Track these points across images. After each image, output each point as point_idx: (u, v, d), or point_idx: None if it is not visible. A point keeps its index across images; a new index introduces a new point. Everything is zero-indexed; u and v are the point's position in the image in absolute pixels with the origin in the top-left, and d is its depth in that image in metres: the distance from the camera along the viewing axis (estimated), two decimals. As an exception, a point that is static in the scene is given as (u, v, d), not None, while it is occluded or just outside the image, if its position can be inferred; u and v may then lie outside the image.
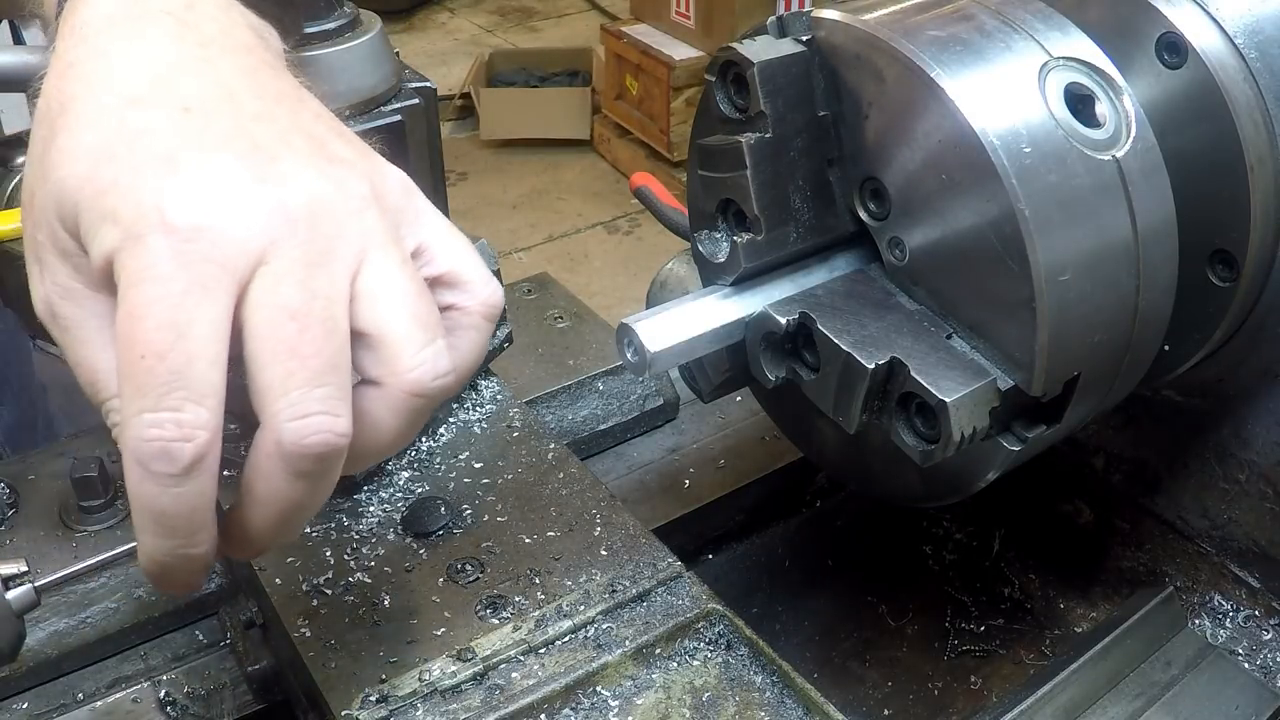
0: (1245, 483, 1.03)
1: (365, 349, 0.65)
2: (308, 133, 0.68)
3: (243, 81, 0.68)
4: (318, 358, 0.61)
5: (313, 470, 0.63)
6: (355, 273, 0.65)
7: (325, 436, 0.62)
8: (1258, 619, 1.05)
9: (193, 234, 0.60)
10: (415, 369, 0.65)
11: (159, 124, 0.63)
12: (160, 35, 0.68)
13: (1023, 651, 1.19)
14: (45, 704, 0.98)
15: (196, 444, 0.60)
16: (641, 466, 1.23)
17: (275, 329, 0.61)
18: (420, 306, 0.66)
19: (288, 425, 0.61)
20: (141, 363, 0.59)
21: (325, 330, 0.62)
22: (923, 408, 0.79)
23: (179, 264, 0.60)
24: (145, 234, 0.60)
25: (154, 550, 0.65)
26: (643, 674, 0.86)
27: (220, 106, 0.65)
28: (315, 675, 0.84)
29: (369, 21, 0.99)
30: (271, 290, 0.61)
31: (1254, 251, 0.87)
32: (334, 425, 0.62)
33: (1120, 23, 0.87)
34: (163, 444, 0.60)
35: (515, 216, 5.58)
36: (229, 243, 0.61)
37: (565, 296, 1.40)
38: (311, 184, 0.65)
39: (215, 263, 0.60)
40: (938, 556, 1.28)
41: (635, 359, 0.84)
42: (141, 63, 0.66)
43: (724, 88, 0.86)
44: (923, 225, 0.82)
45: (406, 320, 0.65)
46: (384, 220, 0.67)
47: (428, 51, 7.21)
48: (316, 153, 0.67)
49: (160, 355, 0.59)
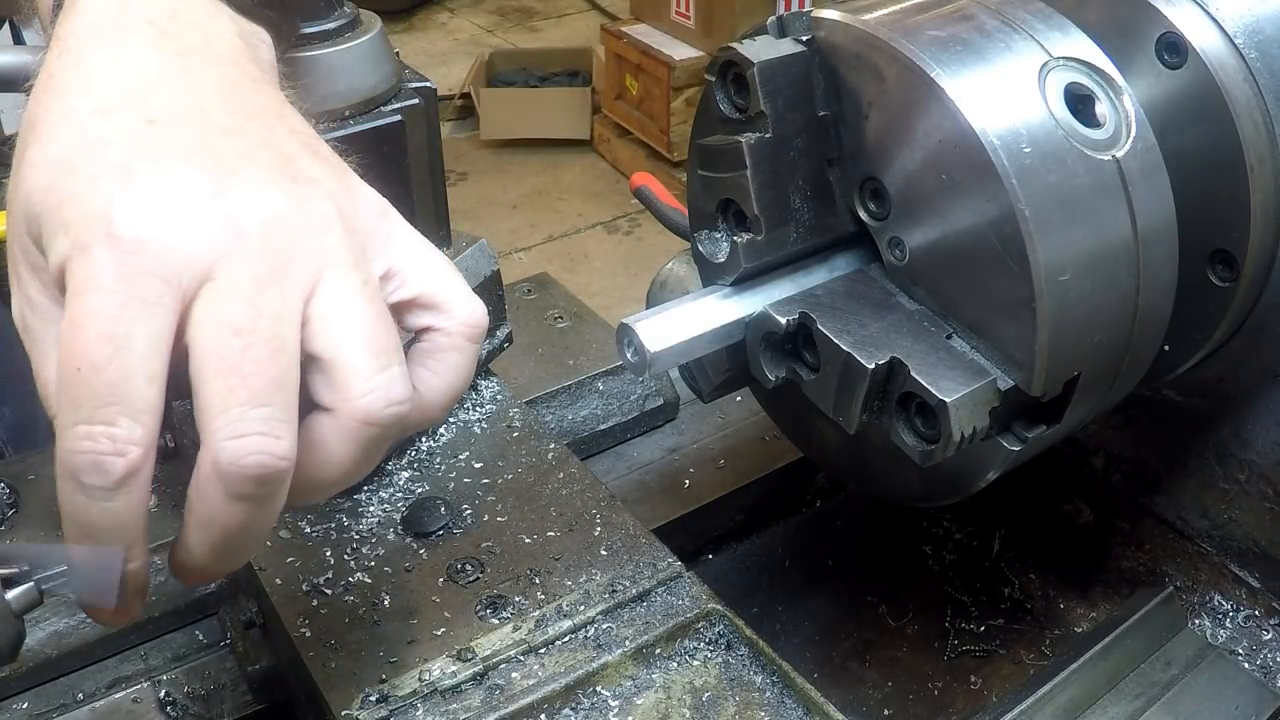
0: (1245, 483, 1.03)
1: (317, 373, 0.63)
2: (277, 149, 0.67)
3: (218, 95, 0.67)
4: (260, 376, 0.60)
5: (252, 493, 0.61)
6: (310, 293, 0.63)
7: (262, 458, 0.60)
8: (1258, 619, 1.05)
9: (136, 246, 0.59)
10: (366, 395, 0.64)
11: (121, 135, 0.63)
12: (140, 44, 0.67)
13: (1023, 651, 1.19)
14: (45, 704, 0.98)
15: (129, 459, 0.59)
16: (641, 466, 1.23)
17: (218, 345, 0.60)
18: (376, 332, 0.65)
19: (224, 444, 0.60)
20: (78, 374, 0.58)
21: (271, 349, 0.60)
22: (923, 408, 0.79)
23: (120, 276, 0.59)
24: (91, 245, 0.59)
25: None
26: (643, 674, 0.86)
27: (188, 119, 0.65)
28: (315, 675, 0.84)
29: (369, 21, 0.99)
30: (216, 306, 0.60)
31: (1254, 251, 0.87)
32: (272, 447, 0.60)
33: (1120, 23, 0.87)
34: (94, 457, 0.58)
35: (515, 216, 5.57)
36: (174, 256, 0.60)
37: (565, 296, 1.40)
38: (269, 200, 0.63)
39: (158, 276, 0.59)
40: (938, 556, 1.28)
41: (635, 359, 0.84)
42: (115, 73, 0.65)
43: (724, 88, 0.86)
44: (923, 225, 0.82)
45: (360, 345, 0.64)
46: (347, 241, 0.66)
47: (428, 51, 7.21)
48: (281, 169, 0.65)
49: (97, 368, 0.58)
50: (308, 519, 0.98)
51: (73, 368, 0.58)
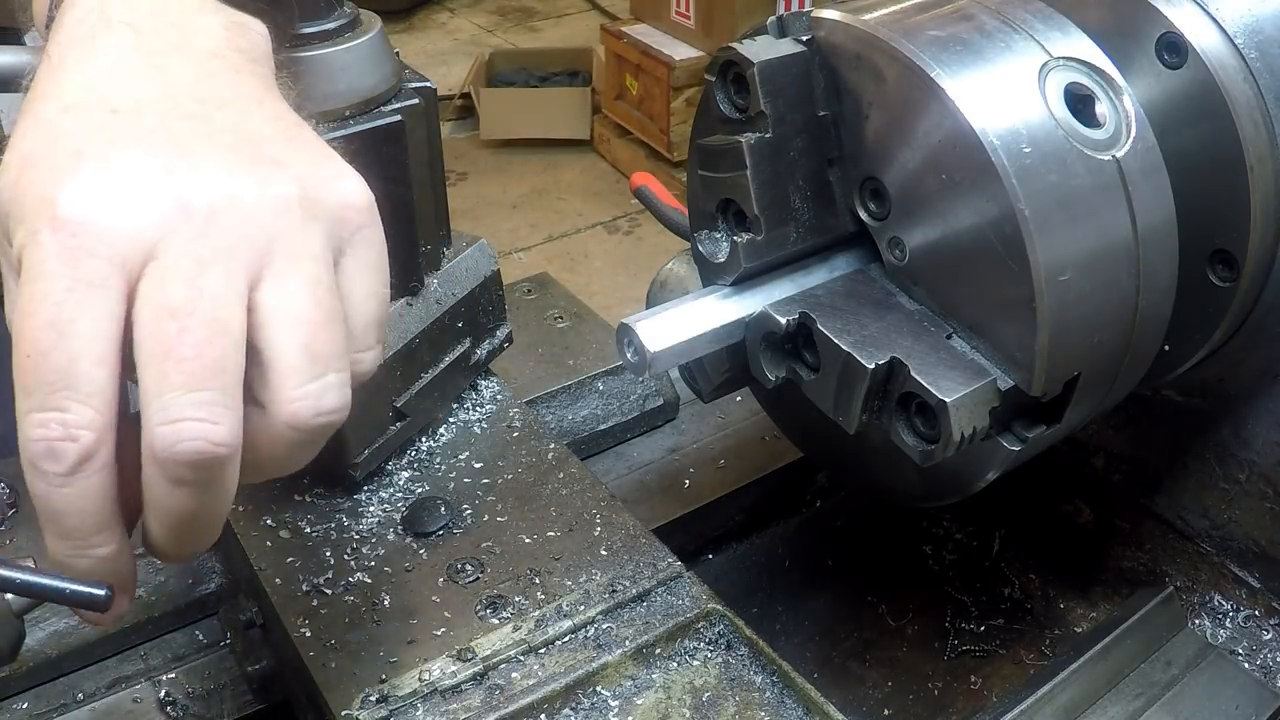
0: (1245, 483, 1.03)
1: (255, 365, 0.62)
2: (246, 133, 0.66)
3: (190, 85, 0.67)
4: (197, 360, 0.58)
5: (191, 479, 0.60)
6: (257, 277, 0.61)
7: (197, 444, 0.58)
8: (1258, 619, 1.05)
9: (78, 228, 0.58)
10: (295, 402, 0.62)
11: (81, 127, 0.62)
12: (113, 45, 0.67)
13: (1023, 651, 1.19)
14: (45, 704, 0.98)
15: (82, 444, 0.58)
16: (641, 466, 1.23)
17: (155, 328, 0.59)
18: (318, 335, 0.62)
19: (157, 430, 0.58)
20: (27, 361, 0.58)
21: (209, 331, 0.59)
22: (923, 408, 0.79)
23: (64, 259, 0.58)
24: (38, 230, 0.59)
25: (54, 552, 0.63)
26: (643, 674, 0.86)
27: (152, 107, 0.64)
28: (315, 675, 0.84)
29: (369, 21, 0.99)
30: (157, 287, 0.59)
31: (1254, 251, 0.87)
32: (209, 433, 0.58)
33: (1120, 23, 0.87)
34: (47, 444, 0.58)
35: (515, 216, 5.57)
36: (116, 236, 0.59)
37: (565, 296, 1.40)
38: (223, 180, 0.62)
39: (101, 257, 0.58)
40: (938, 556, 1.28)
41: (635, 359, 0.84)
42: (84, 73, 0.66)
43: (724, 88, 0.86)
44: (923, 225, 0.82)
45: (297, 348, 0.62)
46: (308, 227, 0.64)
47: (428, 51, 7.21)
48: (243, 151, 0.64)
49: (44, 354, 0.58)
50: (307, 519, 0.98)
51: (23, 355, 0.58)
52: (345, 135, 0.94)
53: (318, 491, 1.01)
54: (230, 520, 0.98)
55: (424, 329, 1.03)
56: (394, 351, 1.00)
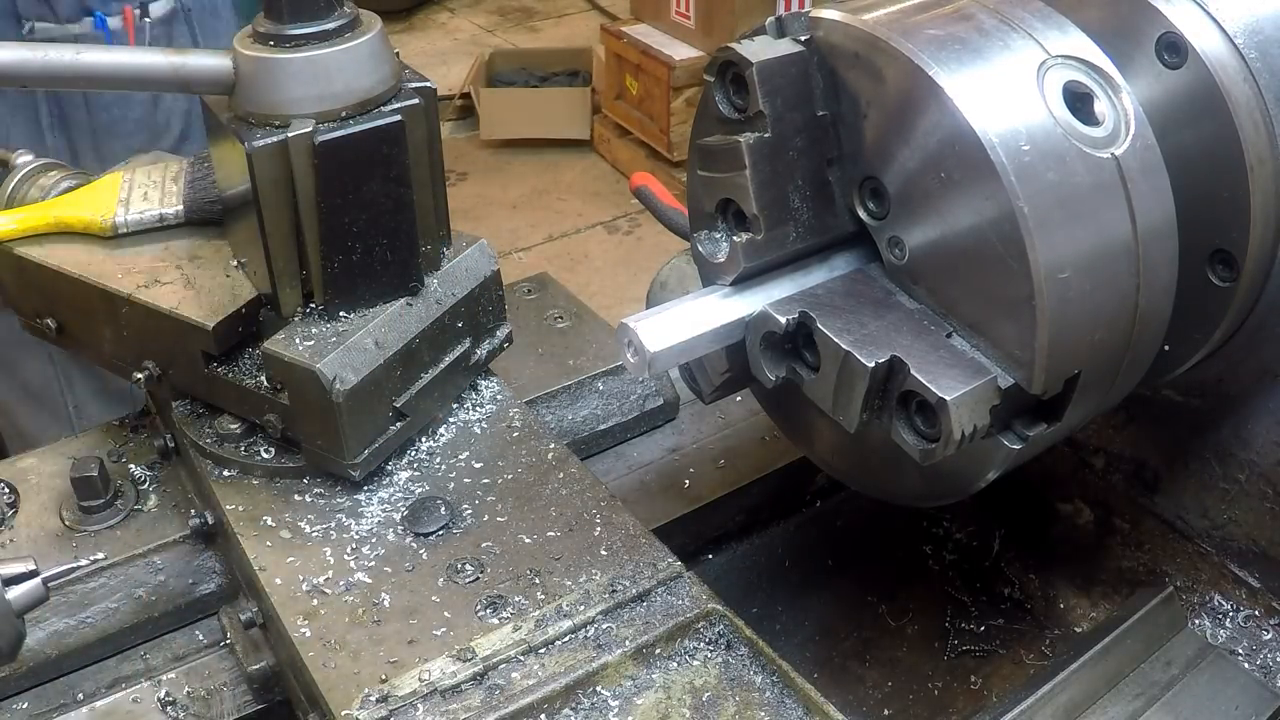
0: (1245, 483, 1.03)
1: None
2: None
3: None
4: None
5: None
6: None
7: None
8: (1258, 619, 1.05)
9: None
10: None
11: None
12: None
13: (1023, 651, 1.19)
14: (45, 704, 0.98)
15: None
16: (641, 466, 1.23)
17: None
18: None
19: None
20: None
21: None
22: (923, 406, 0.79)
23: None
24: None
25: None
26: (643, 674, 0.86)
27: None
28: (315, 675, 0.84)
29: (369, 21, 0.99)
30: None
31: (1254, 251, 0.87)
32: None
33: (1120, 23, 0.87)
34: None
35: (515, 216, 5.57)
36: None
37: (565, 296, 1.40)
38: None
39: None
40: (938, 556, 1.28)
41: (635, 359, 0.84)
42: None
43: (723, 88, 0.85)
44: (922, 224, 0.82)
45: None
46: None
47: (428, 51, 7.21)
48: None
49: None
50: (307, 519, 0.98)
51: None
52: (345, 135, 0.94)
53: (318, 491, 1.01)
54: (230, 520, 0.98)
55: (424, 329, 1.03)
56: (394, 351, 1.00)
